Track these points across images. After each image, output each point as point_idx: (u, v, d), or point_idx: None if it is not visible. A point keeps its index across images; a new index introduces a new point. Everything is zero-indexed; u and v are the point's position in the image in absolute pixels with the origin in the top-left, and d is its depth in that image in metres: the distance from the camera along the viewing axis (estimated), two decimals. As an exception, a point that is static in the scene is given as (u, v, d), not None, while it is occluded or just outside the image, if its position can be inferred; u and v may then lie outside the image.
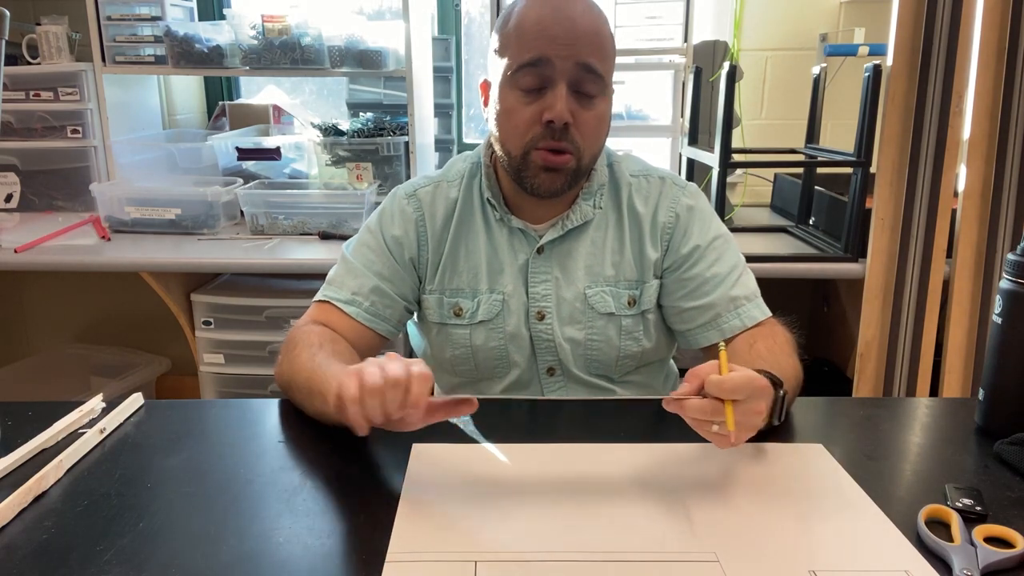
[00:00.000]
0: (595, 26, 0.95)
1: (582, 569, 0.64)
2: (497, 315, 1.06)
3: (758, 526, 0.70)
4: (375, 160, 2.16)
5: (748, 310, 1.02)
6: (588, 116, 0.96)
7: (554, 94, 0.93)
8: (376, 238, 1.08)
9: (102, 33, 2.10)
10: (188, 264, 1.88)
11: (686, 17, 1.95)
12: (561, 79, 0.93)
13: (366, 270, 1.06)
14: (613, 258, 1.06)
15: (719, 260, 1.05)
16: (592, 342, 1.06)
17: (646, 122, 2.07)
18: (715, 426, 0.73)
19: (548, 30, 0.93)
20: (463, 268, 1.07)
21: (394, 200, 1.10)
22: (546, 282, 1.06)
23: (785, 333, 1.02)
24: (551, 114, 0.93)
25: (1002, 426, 0.86)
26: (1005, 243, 1.78)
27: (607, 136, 1.02)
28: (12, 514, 0.71)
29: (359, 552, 0.66)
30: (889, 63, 1.73)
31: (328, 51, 2.09)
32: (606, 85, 0.97)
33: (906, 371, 1.86)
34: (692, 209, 1.07)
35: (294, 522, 0.70)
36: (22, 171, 2.23)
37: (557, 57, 0.92)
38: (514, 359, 1.08)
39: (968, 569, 0.63)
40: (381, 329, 1.06)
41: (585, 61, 0.93)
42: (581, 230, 1.06)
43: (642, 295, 1.06)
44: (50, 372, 2.45)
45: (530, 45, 0.93)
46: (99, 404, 0.93)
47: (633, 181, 1.08)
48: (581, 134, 0.96)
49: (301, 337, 0.97)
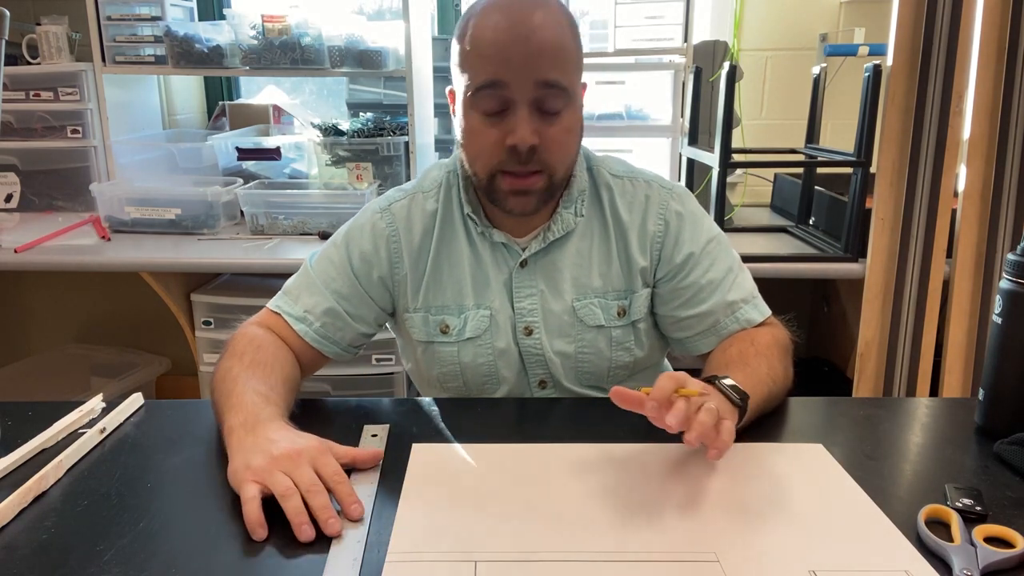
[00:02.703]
0: (554, 38, 0.89)
1: (582, 569, 0.64)
2: (485, 331, 1.03)
3: (758, 526, 0.70)
4: (375, 160, 2.16)
5: (746, 312, 1.01)
6: (555, 132, 0.91)
7: (516, 118, 0.89)
8: (341, 253, 1.03)
9: (102, 33, 2.10)
10: (188, 264, 1.88)
11: (686, 17, 1.95)
12: (522, 100, 0.89)
13: (324, 288, 1.02)
14: (600, 268, 1.03)
15: (714, 265, 1.02)
16: (583, 355, 1.04)
17: (646, 122, 2.07)
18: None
19: (504, 50, 0.88)
20: (447, 284, 1.03)
21: (366, 214, 1.05)
22: (531, 296, 1.02)
23: (773, 335, 1.00)
24: (514, 139, 0.89)
25: (1002, 426, 0.86)
26: (1005, 243, 1.78)
27: (580, 142, 0.99)
28: (12, 514, 0.71)
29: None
30: (889, 63, 1.73)
31: (328, 51, 2.09)
32: (572, 95, 0.92)
33: (906, 371, 1.86)
34: (682, 215, 1.03)
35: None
36: (22, 171, 2.23)
37: (515, 79, 0.88)
38: (503, 375, 1.05)
39: (968, 569, 0.63)
40: (329, 352, 1.02)
41: (545, 78, 0.88)
42: (564, 240, 1.02)
43: (632, 305, 1.03)
44: (50, 372, 2.45)
45: (486, 66, 0.89)
46: (99, 404, 0.93)
47: (615, 184, 1.04)
48: (549, 151, 0.92)
49: (232, 342, 0.96)
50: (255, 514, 0.68)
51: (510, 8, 0.89)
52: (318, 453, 0.74)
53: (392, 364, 2.00)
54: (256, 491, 0.70)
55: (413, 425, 0.90)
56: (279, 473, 0.71)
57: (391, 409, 0.97)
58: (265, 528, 0.68)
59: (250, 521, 0.68)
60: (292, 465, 0.72)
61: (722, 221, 1.82)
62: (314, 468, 0.73)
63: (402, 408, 0.96)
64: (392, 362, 2.00)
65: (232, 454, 0.76)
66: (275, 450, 0.74)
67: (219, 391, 0.88)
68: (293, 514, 0.68)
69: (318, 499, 0.70)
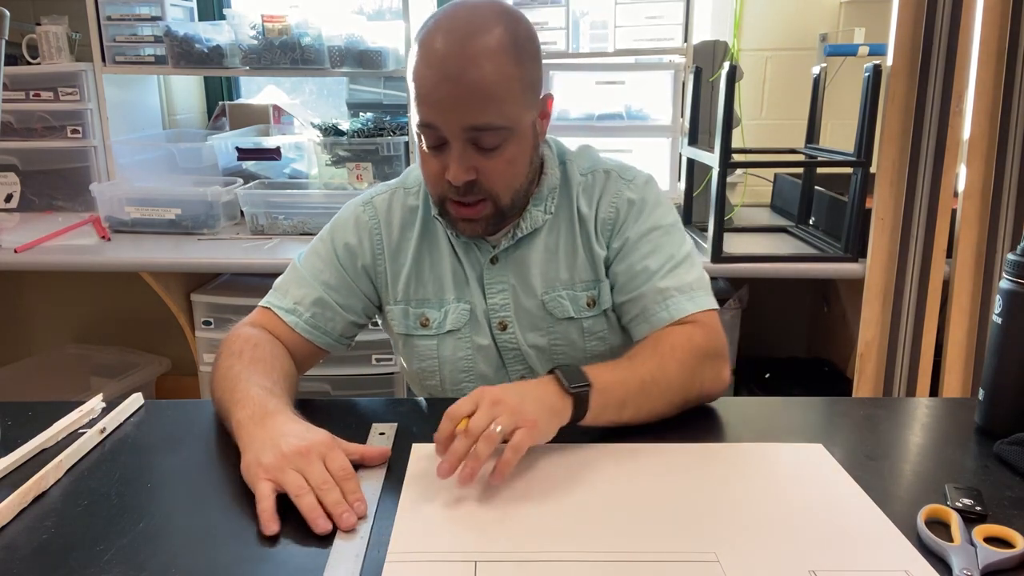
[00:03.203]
0: (486, 77, 0.86)
1: (582, 569, 0.64)
2: (465, 324, 1.04)
3: (758, 526, 0.70)
4: (375, 160, 2.16)
5: (678, 302, 0.97)
6: (495, 164, 0.91)
7: (451, 155, 0.90)
8: (327, 246, 1.06)
9: (102, 33, 2.11)
10: (188, 264, 1.88)
11: (686, 17, 1.96)
12: (455, 140, 0.89)
13: (313, 279, 1.03)
14: (567, 260, 1.03)
15: (653, 252, 1.00)
16: (556, 347, 1.05)
17: (646, 122, 2.07)
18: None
19: (433, 92, 0.87)
20: (429, 278, 1.05)
21: (349, 208, 1.08)
22: (503, 291, 1.03)
23: (689, 336, 0.94)
24: (448, 176, 0.90)
25: (1002, 426, 0.86)
26: (1005, 243, 1.78)
27: (529, 168, 0.97)
28: (12, 514, 0.71)
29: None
30: (889, 63, 1.73)
31: (328, 51, 2.09)
32: (512, 129, 0.90)
33: (906, 371, 1.86)
34: (632, 202, 1.02)
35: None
36: (22, 171, 2.23)
37: (445, 124, 0.88)
38: (482, 370, 1.06)
39: (968, 569, 0.63)
40: (320, 342, 1.03)
41: (473, 124, 0.88)
42: (533, 236, 1.03)
43: (600, 295, 1.04)
44: (50, 372, 2.45)
45: (420, 107, 0.89)
46: (99, 404, 0.93)
47: (582, 180, 1.05)
48: (491, 182, 0.92)
49: (228, 342, 0.96)
50: (269, 512, 0.70)
51: (445, 42, 0.87)
52: (327, 448, 0.76)
53: (392, 364, 2.00)
54: (270, 490, 0.71)
55: (413, 425, 0.90)
56: (291, 471, 0.72)
57: (391, 409, 0.97)
58: (278, 524, 0.69)
59: (264, 519, 0.69)
60: (303, 462, 0.73)
61: (722, 221, 1.82)
62: (323, 463, 0.74)
63: (402, 408, 0.96)
64: (392, 362, 2.00)
65: (243, 448, 0.77)
66: (285, 446, 0.75)
67: (222, 388, 0.88)
68: (308, 510, 0.70)
69: (331, 495, 0.71)
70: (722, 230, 1.82)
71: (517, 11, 0.93)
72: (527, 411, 0.77)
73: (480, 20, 0.88)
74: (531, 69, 0.92)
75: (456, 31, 0.87)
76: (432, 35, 0.88)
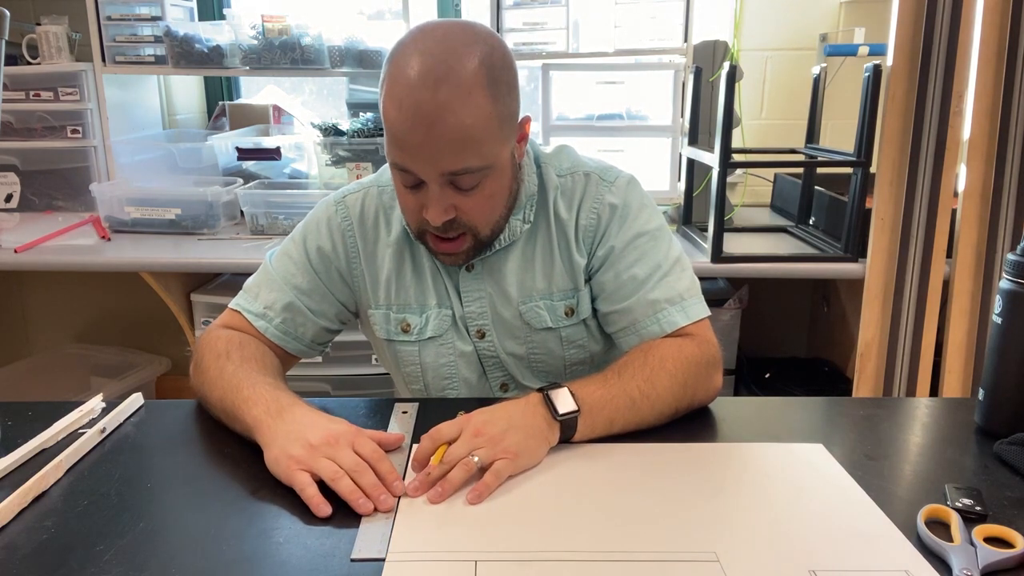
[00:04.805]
0: (459, 128, 0.81)
1: (582, 569, 0.64)
2: (447, 331, 1.02)
3: (758, 526, 0.70)
4: (375, 160, 2.16)
5: (668, 315, 0.95)
6: (473, 201, 0.88)
7: (428, 195, 0.87)
8: (299, 249, 1.02)
9: (102, 33, 2.10)
10: (188, 264, 1.89)
11: (686, 17, 1.95)
12: (432, 182, 0.86)
13: (284, 283, 1.01)
14: (544, 269, 1.00)
15: (640, 260, 0.97)
16: (535, 355, 1.03)
17: (646, 122, 2.07)
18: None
19: (405, 140, 0.83)
20: (410, 283, 1.02)
21: (321, 208, 1.04)
22: (480, 299, 1.01)
23: (680, 348, 0.92)
24: (427, 216, 0.88)
25: (1002, 426, 0.86)
26: (1005, 243, 1.78)
27: (509, 196, 0.94)
28: (12, 514, 0.71)
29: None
30: (889, 63, 1.73)
31: (328, 51, 2.09)
32: (490, 166, 0.87)
33: (906, 371, 1.86)
34: (615, 207, 0.99)
35: (294, 522, 0.70)
36: (22, 171, 2.23)
37: (421, 169, 0.85)
38: (464, 375, 1.04)
39: (968, 569, 0.63)
40: (291, 348, 1.02)
41: (450, 170, 0.84)
42: (511, 245, 1.00)
43: (579, 304, 1.01)
44: (50, 372, 2.45)
45: (394, 149, 0.85)
46: (99, 404, 0.93)
47: (560, 183, 1.00)
48: (470, 217, 0.90)
49: (208, 345, 0.95)
50: (317, 497, 0.72)
51: (417, 82, 0.81)
52: (353, 435, 0.78)
53: (392, 364, 2.00)
54: (308, 479, 0.73)
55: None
56: (323, 459, 0.74)
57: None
58: (329, 506, 0.71)
59: (314, 504, 0.71)
60: (333, 450, 0.75)
61: (722, 221, 1.82)
62: (351, 449, 0.76)
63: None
64: (392, 362, 2.00)
65: (266, 444, 0.78)
66: (312, 437, 0.76)
67: (222, 389, 0.87)
68: (347, 492, 0.72)
69: (366, 478, 0.73)
70: (722, 230, 1.82)
71: (491, 34, 0.88)
72: (508, 444, 0.78)
73: (453, 53, 0.82)
74: (508, 102, 0.86)
75: (429, 71, 0.80)
76: (402, 70, 0.82)
